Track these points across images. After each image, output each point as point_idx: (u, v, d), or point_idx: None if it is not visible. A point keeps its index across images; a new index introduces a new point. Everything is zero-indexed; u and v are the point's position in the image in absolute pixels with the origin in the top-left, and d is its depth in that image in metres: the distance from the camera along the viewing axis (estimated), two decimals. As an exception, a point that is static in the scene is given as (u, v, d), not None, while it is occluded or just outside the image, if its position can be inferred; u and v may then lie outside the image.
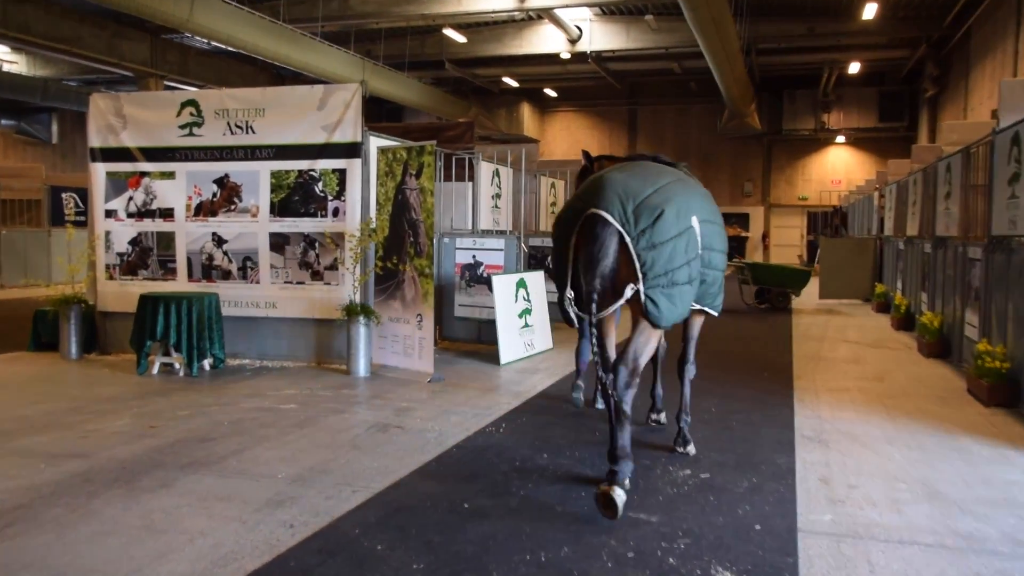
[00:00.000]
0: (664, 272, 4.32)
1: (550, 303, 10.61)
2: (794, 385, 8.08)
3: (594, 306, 4.24)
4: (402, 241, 8.23)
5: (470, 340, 10.22)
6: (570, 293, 4.51)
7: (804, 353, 10.29)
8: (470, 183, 11.30)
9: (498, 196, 11.86)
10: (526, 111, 36.67)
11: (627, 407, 4.42)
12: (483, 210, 11.14)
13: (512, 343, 9.21)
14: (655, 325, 4.41)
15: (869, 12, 21.07)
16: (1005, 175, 7.44)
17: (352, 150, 8.74)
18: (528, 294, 9.68)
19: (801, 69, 30.95)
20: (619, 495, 4.24)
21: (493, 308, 9.27)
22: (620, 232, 4.30)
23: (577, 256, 4.43)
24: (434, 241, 8.13)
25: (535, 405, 7.05)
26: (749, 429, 6.30)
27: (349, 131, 8.75)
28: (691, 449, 5.54)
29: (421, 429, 6.12)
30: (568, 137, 38.49)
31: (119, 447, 5.61)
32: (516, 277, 9.56)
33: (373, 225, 8.49)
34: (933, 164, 11.29)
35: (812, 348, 10.76)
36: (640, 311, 4.40)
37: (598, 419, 6.58)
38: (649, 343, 4.47)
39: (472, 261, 10.12)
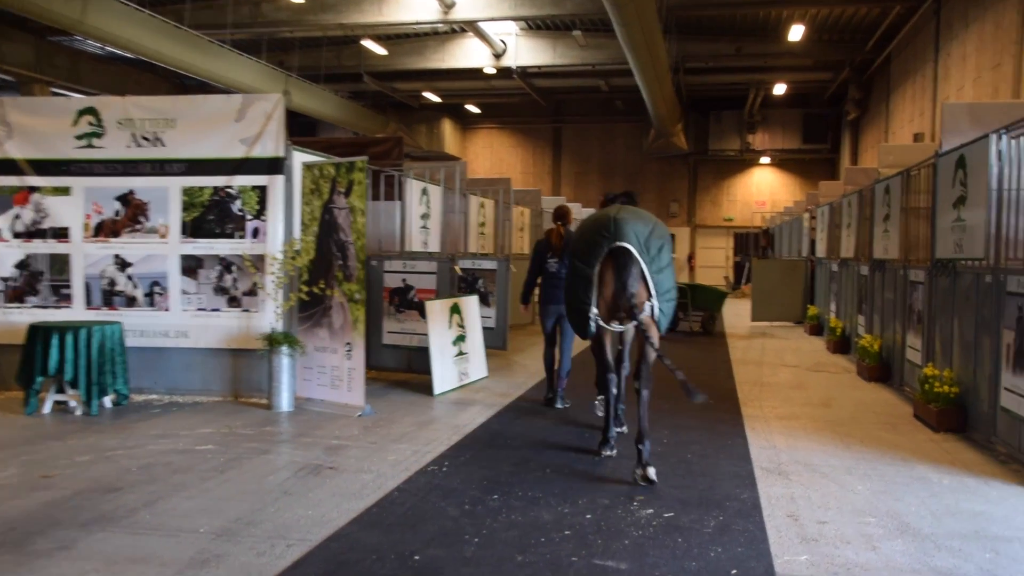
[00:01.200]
0: (666, 291, 6.12)
1: (485, 329, 10.42)
2: (743, 412, 8.17)
3: (633, 319, 5.93)
4: (329, 264, 8.00)
5: (399, 369, 10.02)
6: (594, 311, 6.11)
7: (746, 378, 10.41)
8: (398, 202, 11.07)
9: (427, 216, 11.68)
10: (447, 127, 36.58)
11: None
12: (412, 231, 10.90)
13: (446, 372, 9.07)
14: (660, 330, 6.15)
15: (796, 34, 21.73)
16: (949, 198, 7.61)
17: (274, 165, 8.45)
18: (462, 320, 9.54)
19: (728, 89, 31.77)
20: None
21: (425, 335, 9.16)
22: (640, 262, 5.97)
23: (604, 281, 6.08)
24: (366, 265, 7.87)
25: (478, 439, 6.90)
26: (706, 462, 6.27)
27: (271, 145, 8.45)
28: (651, 472, 5.77)
29: (357, 470, 5.89)
30: (491, 155, 38.55)
31: (6, 503, 5.10)
32: (450, 302, 9.42)
33: (297, 247, 8.25)
34: (870, 186, 11.57)
35: (753, 373, 10.88)
36: (653, 325, 6.07)
37: (546, 449, 6.45)
38: (655, 349, 5.93)
39: (402, 285, 9.91)
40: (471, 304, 9.82)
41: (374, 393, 8.82)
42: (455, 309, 9.44)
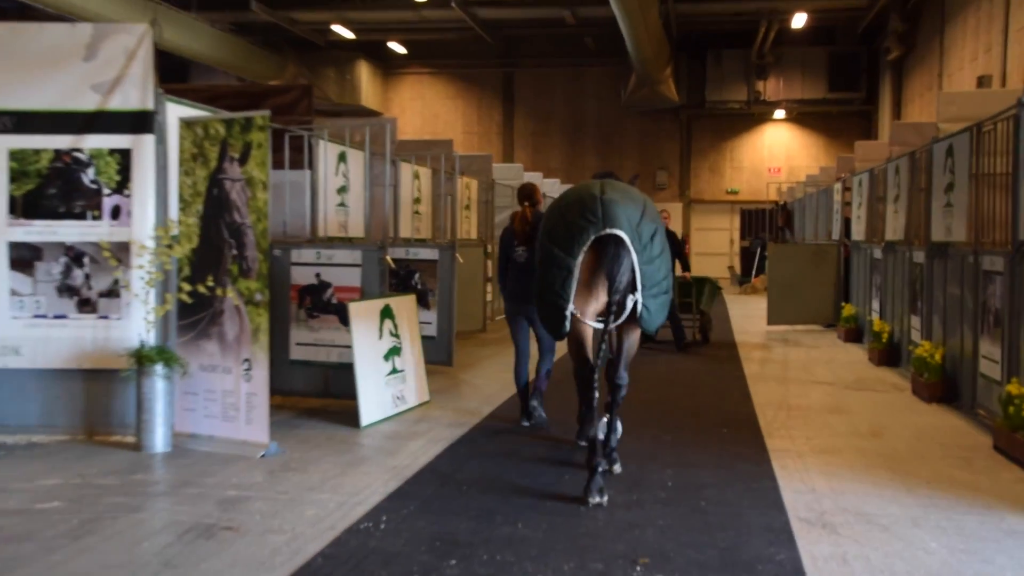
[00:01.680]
0: (655, 283, 6.80)
1: (425, 339, 10.35)
2: (767, 446, 8.27)
3: (616, 317, 6.74)
4: (220, 255, 7.99)
5: (313, 393, 10.01)
6: (572, 307, 6.70)
7: (767, 400, 10.55)
8: (307, 172, 11.01)
9: (345, 190, 11.63)
10: (364, 73, 36.34)
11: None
12: (328, 210, 10.80)
13: (376, 396, 9.12)
14: (646, 329, 6.98)
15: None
16: (1035, 161, 7.72)
17: (140, 122, 8.34)
18: (396, 327, 9.55)
19: (732, 21, 32.09)
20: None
21: (347, 347, 9.20)
22: (632, 252, 6.61)
23: (588, 271, 6.73)
24: (269, 255, 7.91)
25: (424, 485, 6.90)
26: (727, 511, 6.29)
27: (135, 94, 8.34)
28: (617, 468, 7.24)
29: (264, 530, 5.82)
30: (422, 109, 38.46)
31: None
32: (380, 304, 9.40)
33: (175, 232, 8.17)
34: (926, 146, 11.72)
35: (775, 393, 11.03)
36: (634, 323, 6.93)
37: (515, 496, 6.45)
38: (634, 348, 7.23)
39: (316, 282, 9.87)
40: (407, 306, 9.86)
41: (281, 426, 8.80)
42: (386, 313, 9.43)
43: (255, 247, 7.71)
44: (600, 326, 6.84)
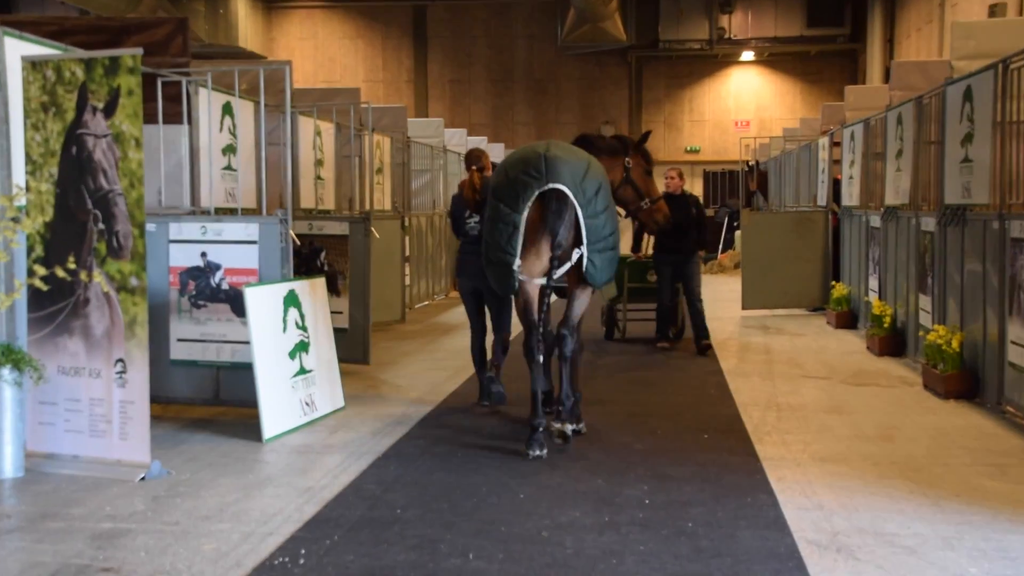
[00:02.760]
0: (600, 238, 8.26)
1: (340, 330, 10.54)
2: (758, 453, 8.35)
3: (557, 270, 8.24)
4: (82, 230, 7.90)
5: (201, 399, 9.99)
6: (518, 263, 8.18)
7: (752, 399, 10.66)
8: (185, 127, 10.87)
9: (233, 150, 11.46)
10: (242, 6, 35.82)
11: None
12: (212, 174, 10.67)
13: (281, 403, 9.06)
14: (592, 285, 8.51)
15: None
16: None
17: (-32, 60, 8.12)
18: (303, 318, 9.46)
19: (689, -55, 32.20)
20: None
21: (243, 344, 9.21)
22: (575, 205, 8.11)
23: (534, 227, 8.18)
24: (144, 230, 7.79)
25: (348, 509, 6.85)
26: (720, 533, 6.33)
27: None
28: (569, 428, 8.48)
29: (153, 571, 5.72)
30: (314, 51, 38.12)
31: None
32: (283, 289, 9.33)
33: (22, 201, 7.99)
34: (936, 90, 11.82)
35: (761, 390, 11.16)
36: (576, 278, 8.45)
37: (462, 518, 6.39)
38: (583, 306, 8.71)
39: (202, 263, 9.75)
40: (316, 291, 9.82)
41: (163, 441, 8.70)
42: (291, 300, 9.39)
43: (128, 220, 7.59)
44: (544, 281, 8.31)
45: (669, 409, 10.23)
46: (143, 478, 7.56)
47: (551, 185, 8.05)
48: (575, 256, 8.24)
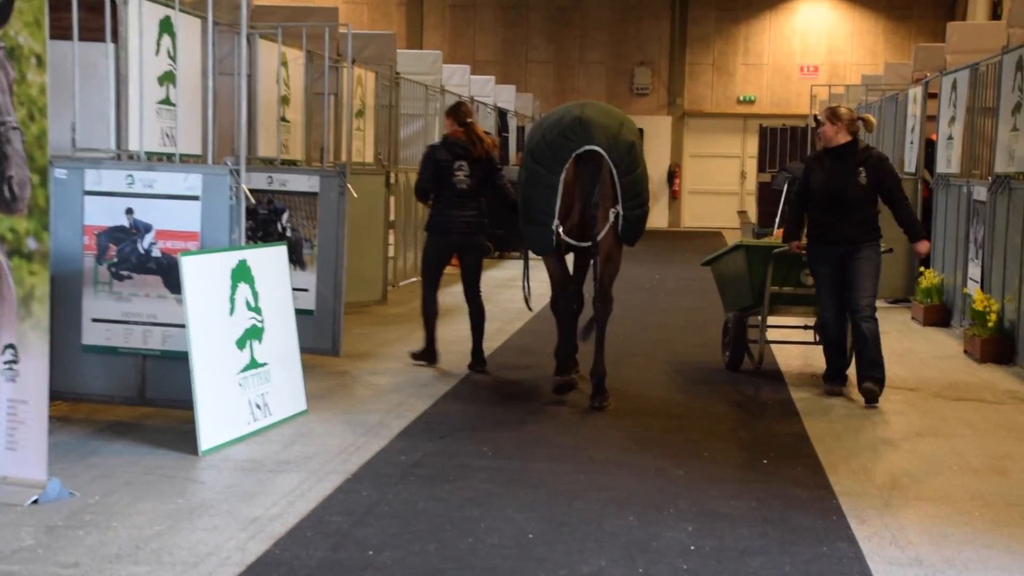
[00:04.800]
0: (635, 195, 10.27)
1: (304, 313, 11.12)
2: (832, 486, 8.12)
3: (597, 230, 10.10)
4: None
5: (122, 398, 9.85)
6: (557, 224, 10.13)
7: (822, 414, 10.55)
8: (110, 46, 10.60)
9: (171, 78, 11.27)
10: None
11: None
12: (142, 108, 10.50)
13: (225, 404, 9.01)
14: (626, 243, 10.51)
15: None
16: None
17: None
18: (256, 296, 9.44)
19: None
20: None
21: (178, 327, 9.16)
22: (610, 165, 10.04)
23: (570, 188, 10.11)
24: (49, 177, 7.67)
25: (305, 548, 6.71)
26: None
27: None
28: (610, 403, 10.31)
29: None
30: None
31: None
32: (232, 259, 9.24)
33: None
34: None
35: (833, 403, 11.05)
36: (611, 238, 10.35)
37: (451, 566, 6.32)
38: (618, 265, 10.68)
39: (127, 222, 9.62)
40: (274, 263, 9.81)
41: (68, 451, 8.57)
42: (242, 273, 9.30)
43: (25, 163, 7.38)
44: (585, 244, 10.39)
45: (716, 423, 10.14)
46: (35, 501, 7.34)
47: (586, 147, 10.00)
48: (611, 216, 10.19)
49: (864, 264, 10.90)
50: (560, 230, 10.21)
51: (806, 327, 13.05)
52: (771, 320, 12.25)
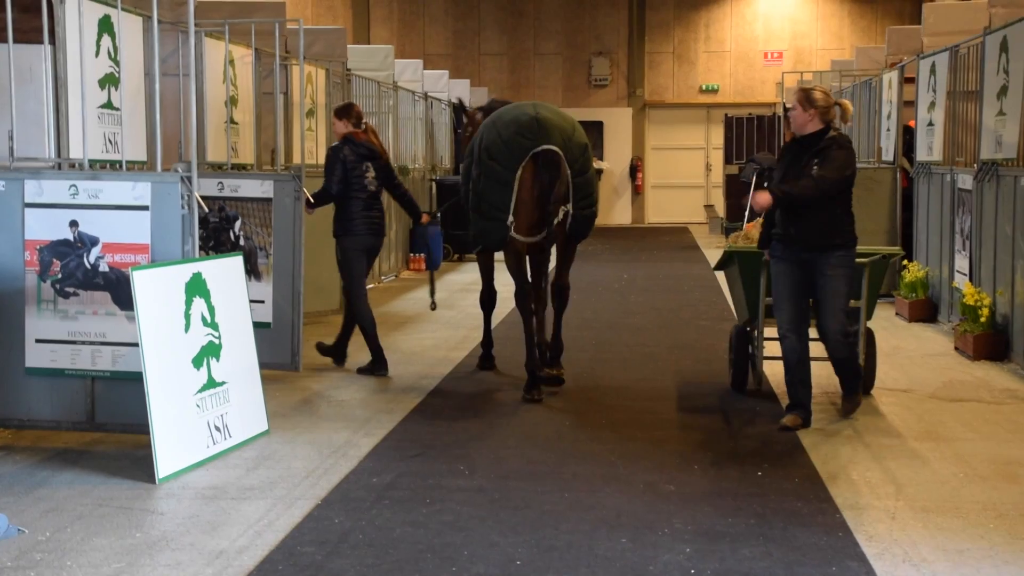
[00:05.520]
0: (584, 196, 11.36)
1: (261, 326, 10.97)
2: (834, 498, 8.02)
3: (548, 227, 11.11)
4: None
5: (70, 423, 9.78)
6: (511, 219, 10.90)
7: (815, 419, 10.33)
8: (47, 47, 10.41)
9: (114, 81, 11.15)
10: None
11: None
12: (83, 113, 10.31)
13: (182, 428, 8.95)
14: (577, 240, 11.84)
15: None
16: None
17: None
18: (212, 311, 9.40)
19: None
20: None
21: (129, 346, 9.22)
22: (565, 164, 10.97)
23: (526, 185, 10.88)
24: None
25: None
26: None
27: None
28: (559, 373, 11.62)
29: None
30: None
31: None
32: (186, 272, 9.21)
33: None
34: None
35: (823, 407, 10.89)
36: (563, 235, 11.56)
37: None
38: (572, 259, 12.01)
39: (71, 236, 9.51)
40: (230, 275, 9.78)
41: (13, 483, 8.55)
42: (197, 287, 9.27)
43: None
44: (535, 239, 11.16)
45: (704, 433, 10.11)
46: None
47: (544, 146, 10.80)
48: (561, 213, 11.14)
49: (831, 281, 9.83)
50: (511, 228, 10.93)
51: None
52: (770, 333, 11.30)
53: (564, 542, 7.03)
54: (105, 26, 11.02)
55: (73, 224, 9.46)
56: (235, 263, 9.92)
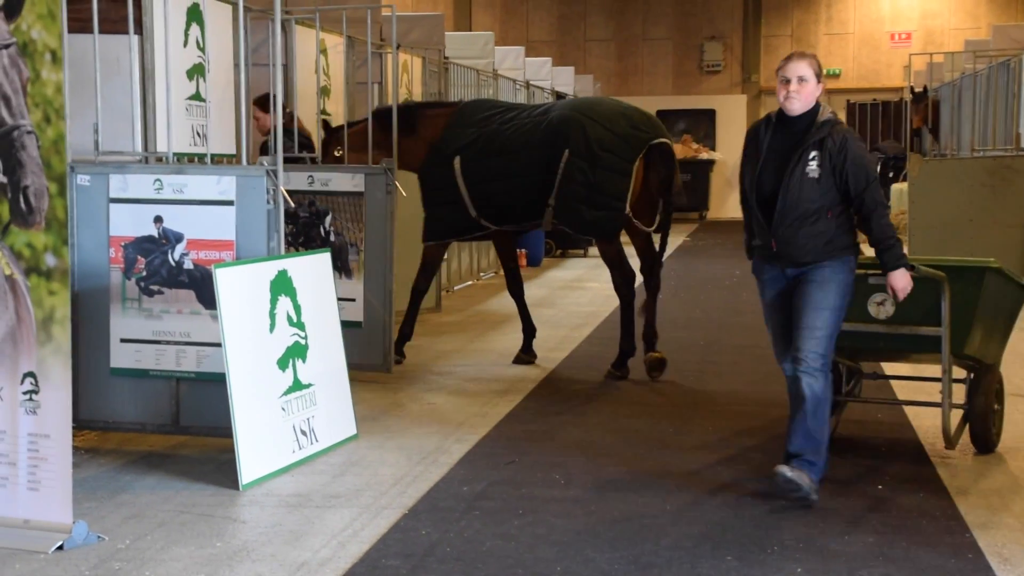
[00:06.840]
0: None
1: (351, 325, 11.06)
2: (964, 518, 7.82)
3: (665, 216, 12.74)
4: None
5: (154, 426, 9.83)
6: (628, 210, 11.92)
7: (941, 428, 9.96)
8: (134, 38, 10.54)
9: (202, 72, 11.24)
10: None
11: None
12: (169, 105, 10.44)
13: (266, 433, 8.97)
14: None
15: None
16: None
17: None
18: (299, 310, 9.39)
19: None
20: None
21: (214, 347, 9.12)
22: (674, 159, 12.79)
23: (643, 178, 12.04)
24: (69, 184, 7.69)
25: None
26: None
27: None
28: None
29: None
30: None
31: None
32: (271, 269, 9.21)
33: None
34: None
35: (953, 416, 10.43)
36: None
37: None
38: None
39: (156, 232, 9.57)
40: (317, 272, 9.80)
41: (96, 488, 8.51)
42: (282, 285, 9.27)
43: (42, 170, 7.32)
44: (649, 230, 12.39)
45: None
46: (60, 547, 7.22)
47: (660, 139, 12.07)
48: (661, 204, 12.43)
49: (814, 290, 8.09)
50: (629, 215, 11.89)
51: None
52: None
53: (664, 559, 6.97)
54: (194, 15, 11.17)
55: (158, 220, 9.55)
56: (323, 260, 9.95)
